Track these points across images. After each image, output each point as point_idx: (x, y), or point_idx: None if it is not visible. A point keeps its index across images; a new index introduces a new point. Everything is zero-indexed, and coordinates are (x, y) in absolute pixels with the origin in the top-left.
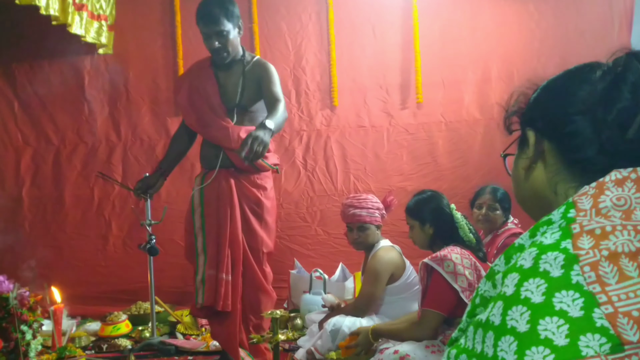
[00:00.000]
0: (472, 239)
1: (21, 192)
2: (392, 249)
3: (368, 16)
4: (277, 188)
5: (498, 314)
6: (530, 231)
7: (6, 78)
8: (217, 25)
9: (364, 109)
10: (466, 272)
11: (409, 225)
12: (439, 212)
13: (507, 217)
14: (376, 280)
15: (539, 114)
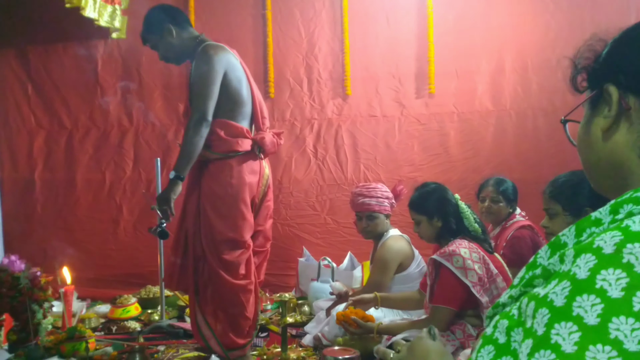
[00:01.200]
0: (478, 229)
1: (34, 175)
2: (401, 238)
3: (382, 4)
4: (288, 176)
5: (562, 295)
6: (612, 206)
7: (20, 61)
8: (145, 43)
9: (375, 98)
10: (475, 266)
11: (415, 220)
12: (445, 204)
13: (514, 208)
14: (385, 268)
15: (620, 68)
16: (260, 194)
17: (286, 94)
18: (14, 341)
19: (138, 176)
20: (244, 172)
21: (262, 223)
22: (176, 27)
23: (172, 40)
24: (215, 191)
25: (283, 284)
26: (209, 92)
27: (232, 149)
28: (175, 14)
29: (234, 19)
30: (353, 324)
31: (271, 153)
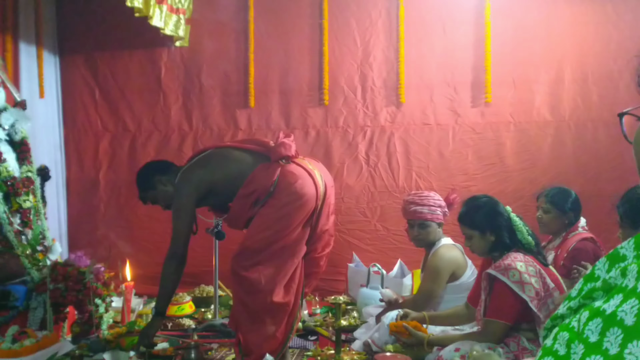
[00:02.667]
0: (531, 242)
1: (98, 175)
2: (454, 247)
3: (439, 13)
4: (339, 182)
5: (632, 313)
6: None
7: (89, 66)
8: (145, 202)
9: (430, 106)
10: (532, 280)
11: (466, 235)
12: (496, 218)
13: (571, 220)
14: (437, 277)
15: None
16: (321, 197)
17: (340, 101)
18: (77, 333)
19: None
20: (297, 187)
21: (326, 222)
22: (164, 176)
23: (165, 189)
24: (265, 215)
25: (332, 289)
26: (180, 227)
27: (267, 191)
28: (158, 165)
29: (291, 28)
30: (405, 333)
31: (292, 156)
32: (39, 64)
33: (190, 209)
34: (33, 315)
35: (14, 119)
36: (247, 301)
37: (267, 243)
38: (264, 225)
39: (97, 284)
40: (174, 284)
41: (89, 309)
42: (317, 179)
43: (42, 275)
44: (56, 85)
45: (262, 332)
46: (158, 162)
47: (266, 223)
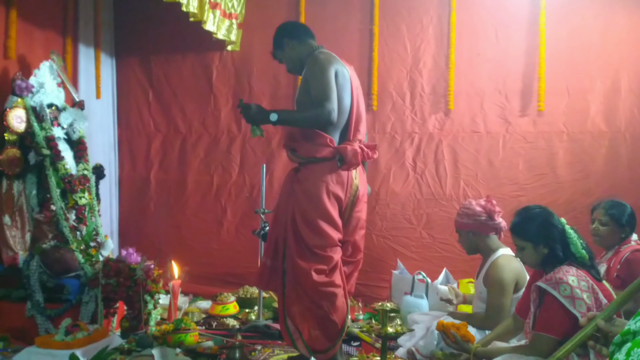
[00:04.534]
0: (586, 256)
1: (149, 175)
2: (513, 258)
3: (492, 20)
4: (385, 188)
5: None
6: None
7: (144, 69)
8: (275, 58)
9: (480, 114)
10: (584, 295)
11: (517, 246)
12: (550, 230)
13: (627, 234)
14: (502, 289)
15: None
16: (348, 205)
17: (388, 107)
18: (126, 328)
19: (243, 181)
20: (328, 182)
21: (351, 234)
22: (295, 41)
23: (291, 53)
24: (301, 198)
25: (375, 295)
26: (325, 87)
27: (312, 155)
28: (293, 28)
29: (341, 34)
30: (451, 338)
31: (354, 164)
32: (97, 66)
33: (332, 75)
34: (85, 308)
35: (72, 119)
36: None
37: None
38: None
39: (147, 280)
40: (302, 119)
41: (138, 305)
42: (350, 186)
43: (94, 270)
44: (112, 86)
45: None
46: (296, 26)
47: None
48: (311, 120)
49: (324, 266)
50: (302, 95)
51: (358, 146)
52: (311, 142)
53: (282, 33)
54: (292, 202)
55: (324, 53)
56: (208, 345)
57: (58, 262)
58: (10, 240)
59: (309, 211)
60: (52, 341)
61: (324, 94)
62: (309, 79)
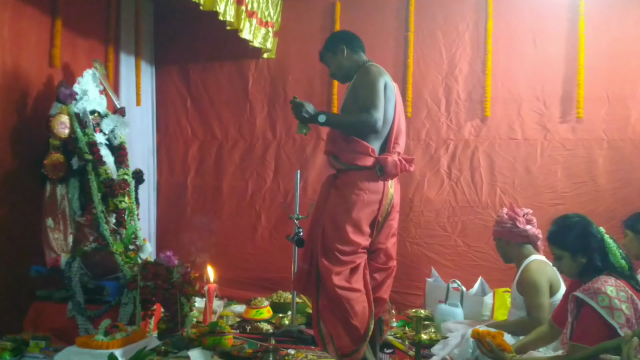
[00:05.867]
0: (625, 266)
1: (186, 180)
2: (546, 264)
3: (530, 26)
4: (419, 195)
5: None
6: None
7: (182, 77)
8: (321, 59)
9: (517, 120)
10: (623, 306)
11: (555, 255)
12: (588, 240)
13: None
14: (538, 289)
15: None
16: (384, 213)
17: (423, 113)
18: (163, 330)
19: (277, 187)
20: (364, 190)
21: (384, 241)
22: (349, 49)
23: (342, 60)
24: (335, 202)
25: (409, 303)
26: (374, 97)
27: (354, 163)
28: (351, 38)
29: (376, 40)
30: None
31: (393, 175)
32: (137, 74)
33: (381, 87)
34: (124, 310)
35: (113, 125)
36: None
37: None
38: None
39: (184, 283)
40: (348, 124)
41: (174, 308)
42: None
43: (133, 272)
44: (151, 94)
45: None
46: (354, 37)
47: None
48: (357, 125)
49: (343, 269)
50: (350, 103)
51: (397, 158)
52: (353, 150)
53: (340, 39)
54: (327, 207)
55: (375, 66)
56: (243, 348)
57: (98, 265)
58: (53, 243)
59: (339, 216)
60: (91, 341)
61: (372, 102)
62: (359, 88)
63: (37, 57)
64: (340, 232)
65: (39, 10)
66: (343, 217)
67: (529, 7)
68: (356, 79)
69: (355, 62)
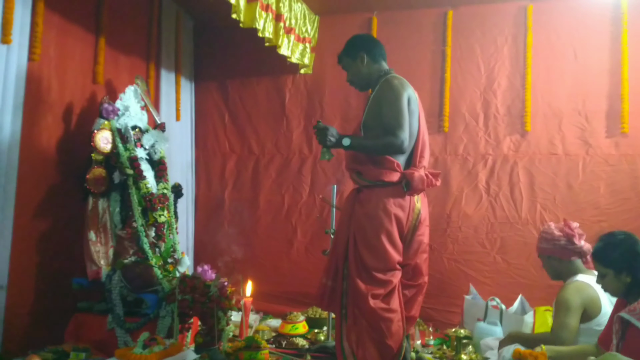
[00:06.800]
0: None
1: (224, 194)
2: (588, 286)
3: (570, 40)
4: (457, 210)
5: None
6: None
7: (221, 92)
8: (339, 62)
9: (558, 135)
10: None
11: (599, 272)
12: (635, 258)
13: None
14: (567, 309)
15: None
16: (410, 228)
17: (460, 128)
18: (200, 343)
19: (313, 201)
20: (390, 205)
21: (412, 257)
22: (369, 58)
23: (362, 68)
24: (362, 220)
25: (446, 320)
26: (399, 116)
27: (379, 179)
28: (372, 46)
29: (413, 54)
30: None
31: (419, 190)
32: (177, 90)
33: (405, 105)
34: (162, 323)
35: (154, 140)
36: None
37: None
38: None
39: (221, 297)
40: (374, 147)
41: (212, 322)
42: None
43: (171, 286)
44: (190, 109)
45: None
46: (375, 43)
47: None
48: (383, 148)
49: (381, 290)
50: (372, 118)
51: (424, 173)
52: (378, 166)
53: (360, 45)
54: (353, 223)
55: (397, 78)
56: None
57: (138, 277)
58: (94, 255)
59: (370, 233)
60: (130, 354)
61: (398, 122)
62: (382, 104)
63: (82, 74)
64: (373, 249)
65: (84, 29)
66: (373, 234)
67: (569, 19)
68: (379, 93)
69: (376, 71)
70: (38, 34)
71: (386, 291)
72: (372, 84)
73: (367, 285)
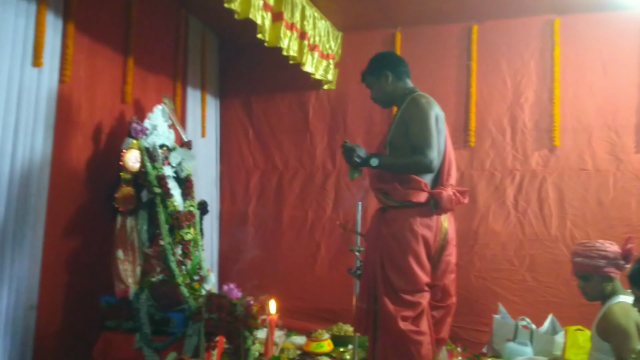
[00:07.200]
0: None
1: (248, 209)
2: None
3: (599, 54)
4: (484, 227)
5: None
6: None
7: (245, 109)
8: (363, 80)
9: (587, 150)
10: None
11: (636, 296)
12: None
13: None
14: (627, 336)
15: None
16: (438, 248)
17: (487, 143)
18: None
19: (337, 217)
20: (417, 225)
21: (440, 278)
22: (393, 75)
23: (386, 86)
24: (388, 241)
25: (474, 340)
26: (428, 135)
27: (407, 199)
28: (396, 64)
29: (437, 69)
30: None
31: (448, 210)
32: (203, 107)
33: (433, 124)
34: (188, 342)
35: (181, 158)
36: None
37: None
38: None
39: (247, 316)
40: (403, 166)
41: (238, 341)
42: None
43: (198, 304)
44: (215, 125)
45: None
46: (399, 61)
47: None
48: (412, 167)
49: (410, 312)
50: (398, 137)
51: (452, 192)
52: (406, 186)
53: (385, 63)
54: (379, 245)
55: (424, 97)
56: None
57: (165, 296)
58: (122, 274)
59: (397, 255)
60: None
61: (427, 141)
62: (410, 123)
63: (111, 95)
64: (401, 270)
65: (113, 50)
66: (401, 255)
67: (597, 33)
68: (406, 112)
69: (400, 89)
70: (68, 56)
71: (415, 313)
72: (396, 102)
73: (396, 307)
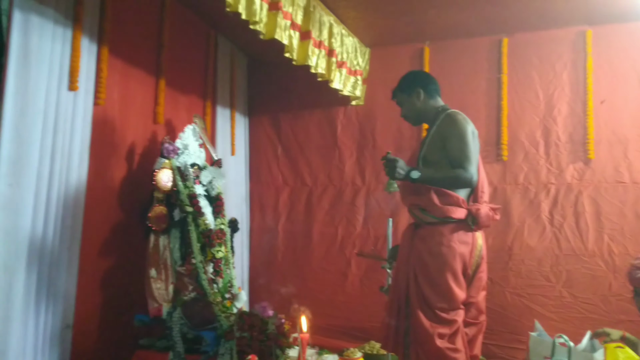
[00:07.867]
0: None
1: (278, 226)
2: None
3: (632, 63)
4: (519, 242)
5: None
6: None
7: (274, 126)
8: (393, 98)
9: (624, 163)
10: None
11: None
12: None
13: None
14: None
15: None
16: (473, 265)
17: (520, 156)
18: None
19: (367, 233)
20: (454, 241)
21: (475, 295)
22: (425, 93)
23: (417, 103)
24: (424, 257)
25: (510, 358)
26: (468, 150)
27: (446, 215)
28: (428, 82)
29: (467, 83)
30: None
31: (485, 226)
32: (232, 125)
33: (472, 140)
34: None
35: (211, 176)
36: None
37: None
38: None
39: (279, 335)
40: (443, 180)
41: (270, 359)
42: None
43: (229, 322)
44: (244, 143)
45: None
46: (431, 79)
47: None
48: (453, 181)
49: (446, 329)
50: (433, 152)
51: (489, 208)
52: (445, 202)
53: (417, 81)
54: (413, 260)
55: (459, 114)
56: None
57: (198, 314)
58: (155, 292)
59: (433, 271)
60: None
61: (467, 156)
62: (448, 139)
63: (143, 116)
64: (438, 288)
65: (145, 72)
66: (438, 273)
67: (630, 43)
68: (442, 128)
69: (432, 106)
70: (103, 80)
71: (452, 331)
72: (427, 119)
73: (432, 324)
